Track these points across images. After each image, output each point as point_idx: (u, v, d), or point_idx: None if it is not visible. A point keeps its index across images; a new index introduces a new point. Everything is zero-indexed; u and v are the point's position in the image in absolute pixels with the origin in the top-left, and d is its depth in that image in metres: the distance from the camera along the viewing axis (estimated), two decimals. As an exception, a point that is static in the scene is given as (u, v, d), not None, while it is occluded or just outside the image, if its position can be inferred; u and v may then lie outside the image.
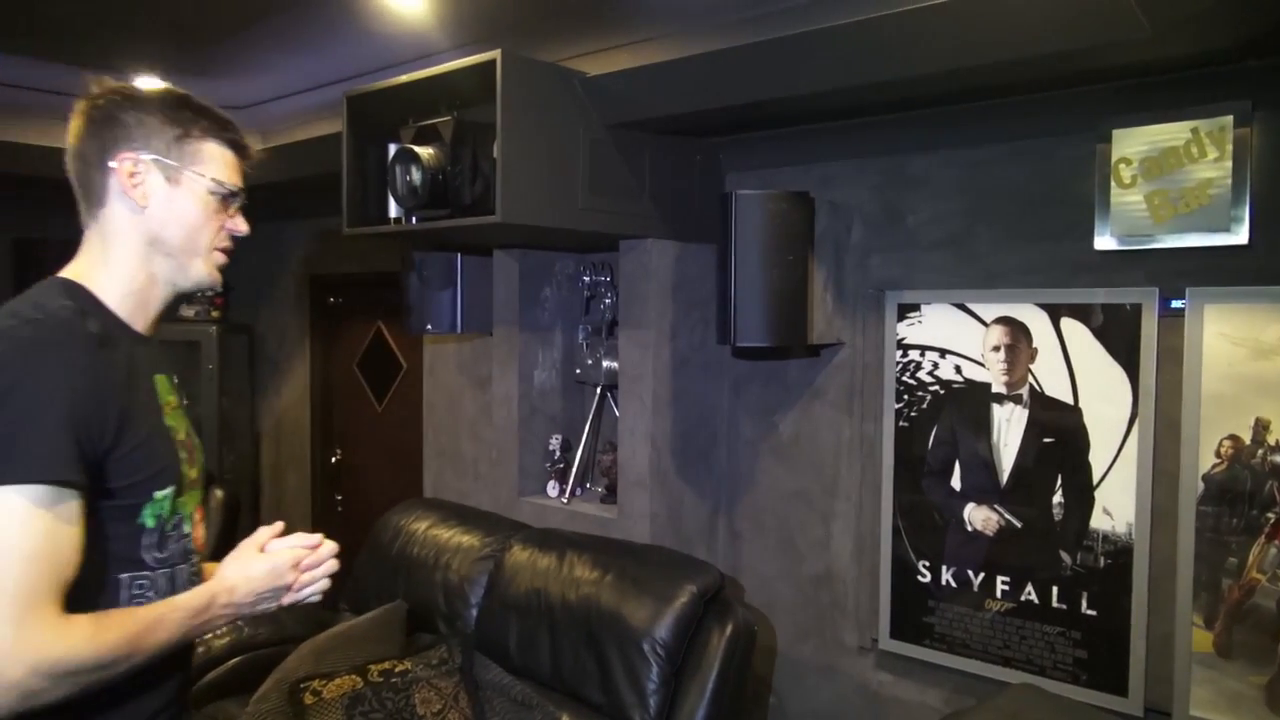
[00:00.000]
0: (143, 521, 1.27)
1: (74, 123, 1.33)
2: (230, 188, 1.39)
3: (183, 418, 1.39)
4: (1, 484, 1.09)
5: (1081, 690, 2.34)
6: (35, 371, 1.14)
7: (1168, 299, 2.23)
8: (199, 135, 1.35)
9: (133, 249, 1.33)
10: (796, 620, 2.93)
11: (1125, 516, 2.29)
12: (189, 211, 1.35)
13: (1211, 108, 2.13)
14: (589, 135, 2.63)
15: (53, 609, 1.10)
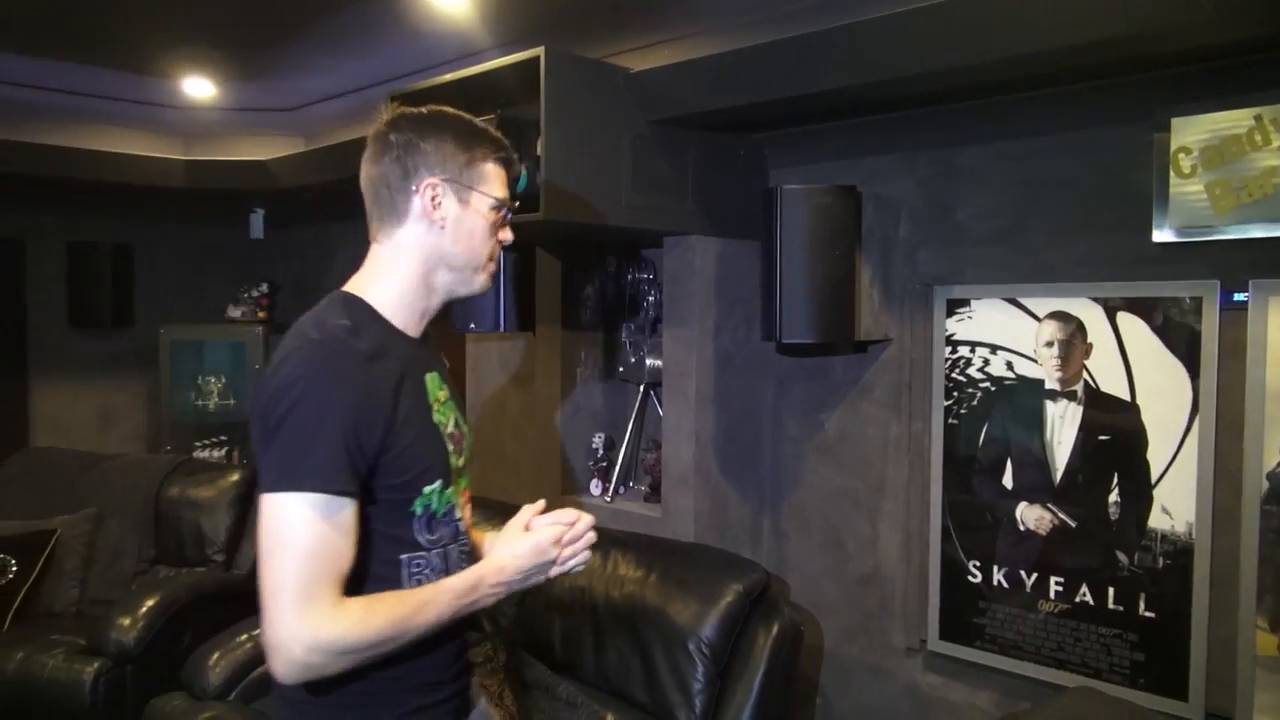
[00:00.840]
0: (413, 510, 1.40)
1: (372, 147, 1.45)
2: (508, 206, 1.49)
3: (452, 410, 1.50)
4: (286, 492, 1.26)
5: (1139, 694, 2.28)
6: (314, 392, 1.28)
7: (1230, 292, 2.16)
8: (482, 157, 1.45)
9: (420, 263, 1.45)
10: (843, 620, 2.89)
11: (1185, 516, 2.23)
12: (476, 230, 1.46)
13: (1276, 93, 2.06)
14: (632, 132, 2.62)
15: (329, 597, 1.25)
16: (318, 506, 1.26)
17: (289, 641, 1.24)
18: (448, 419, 1.47)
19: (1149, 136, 2.24)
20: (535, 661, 2.66)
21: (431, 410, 1.44)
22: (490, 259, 1.49)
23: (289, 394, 1.28)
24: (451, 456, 1.45)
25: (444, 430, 1.45)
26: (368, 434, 1.31)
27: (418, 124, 1.44)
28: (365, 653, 1.29)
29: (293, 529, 1.25)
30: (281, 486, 1.26)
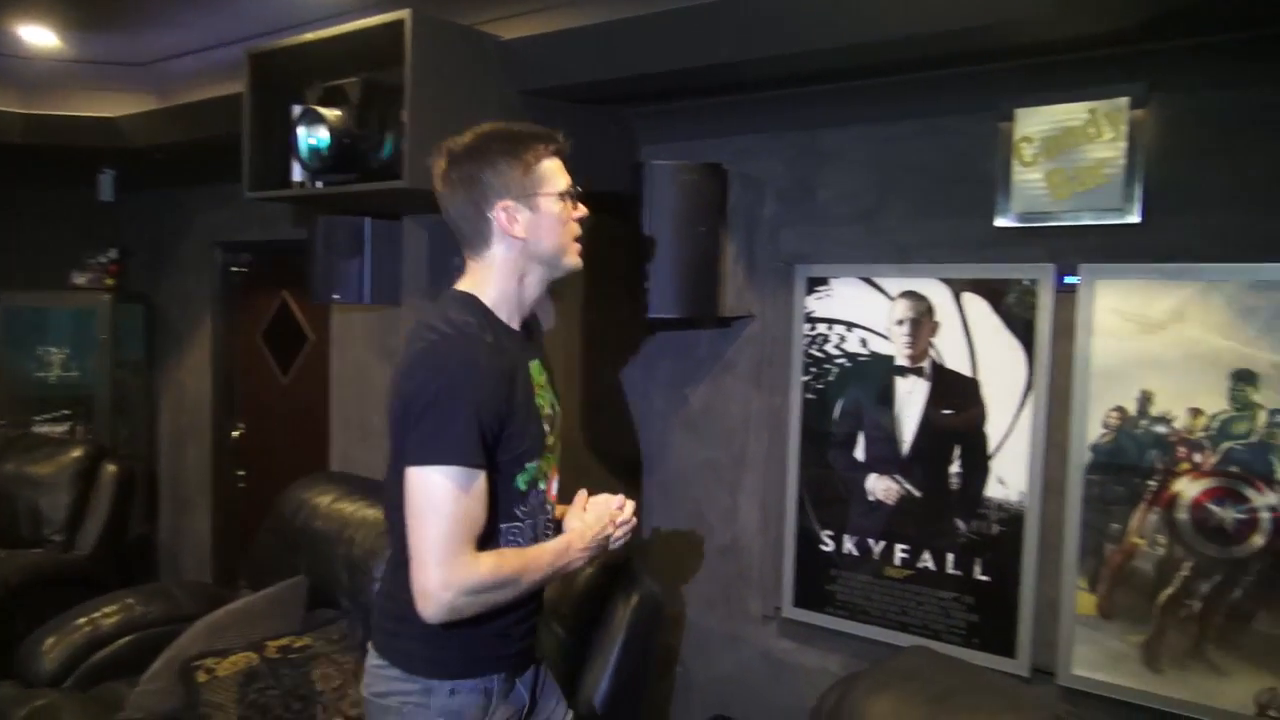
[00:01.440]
0: (516, 485, 1.62)
1: (440, 189, 1.66)
2: (570, 190, 1.66)
3: (549, 393, 1.72)
4: (434, 465, 1.48)
5: (973, 653, 2.42)
6: (455, 380, 1.50)
7: (1063, 275, 2.30)
8: (535, 160, 1.62)
9: (514, 270, 1.64)
10: (703, 590, 2.95)
11: (1018, 485, 2.37)
12: (551, 225, 1.63)
13: (1109, 89, 2.20)
14: (502, 101, 2.58)
15: (469, 552, 1.50)
16: (458, 477, 1.48)
17: (439, 589, 1.48)
18: (545, 401, 1.69)
19: (995, 125, 2.36)
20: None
21: (534, 394, 1.65)
22: (574, 240, 1.68)
23: (434, 382, 1.50)
24: (548, 436, 1.67)
25: (542, 412, 1.66)
26: (492, 416, 1.52)
27: (472, 157, 1.62)
28: (494, 596, 1.54)
29: (440, 496, 1.47)
30: (429, 460, 1.48)
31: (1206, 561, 2.13)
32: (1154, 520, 2.19)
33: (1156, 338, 2.17)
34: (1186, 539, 2.16)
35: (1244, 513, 2.09)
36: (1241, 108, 2.08)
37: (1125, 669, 2.23)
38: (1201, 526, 2.14)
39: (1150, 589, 2.19)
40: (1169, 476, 2.17)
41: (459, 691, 1.62)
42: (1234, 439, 2.09)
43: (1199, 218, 2.12)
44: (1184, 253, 2.13)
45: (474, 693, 1.63)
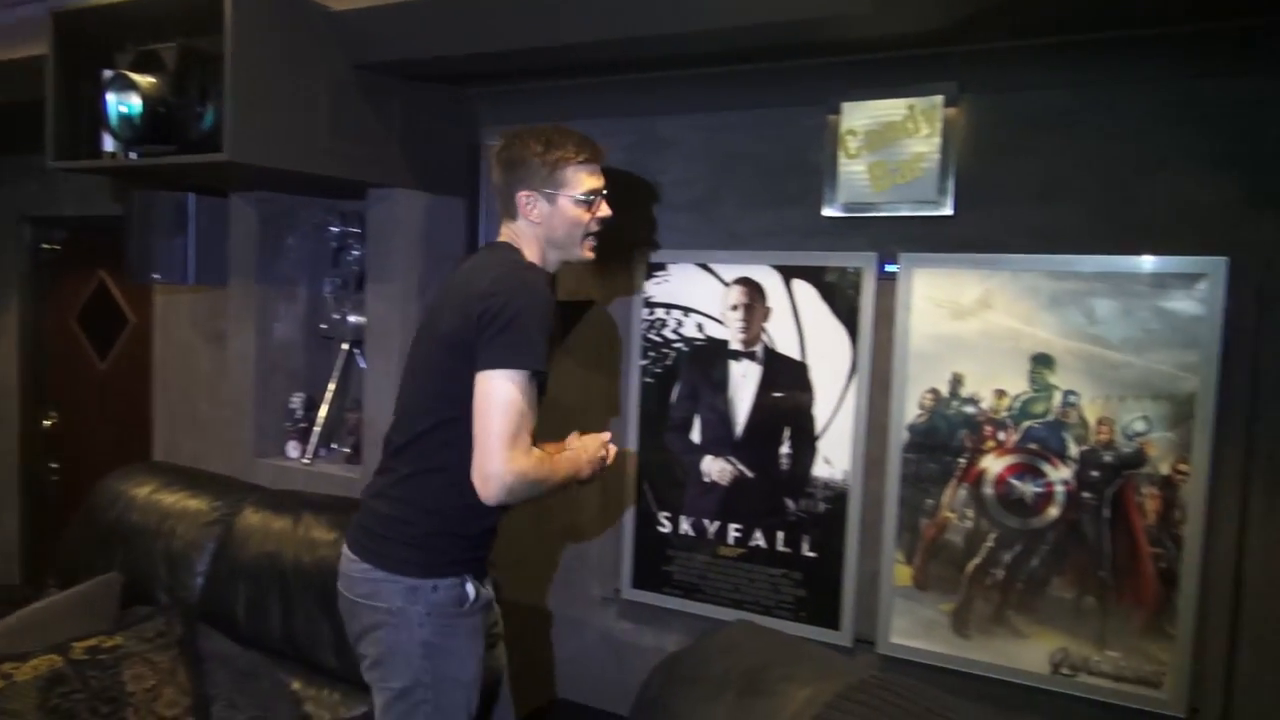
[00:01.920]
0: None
1: (492, 164, 1.96)
2: (589, 197, 1.92)
3: None
4: (511, 368, 1.74)
5: (801, 626, 2.52)
6: (533, 299, 1.77)
7: (884, 263, 2.41)
8: (563, 165, 1.89)
9: (533, 243, 1.93)
10: (543, 574, 2.95)
11: (842, 465, 2.47)
12: (565, 220, 1.92)
13: (925, 87, 2.31)
14: (333, 74, 2.49)
15: (526, 443, 1.77)
16: (525, 380, 1.75)
17: (501, 471, 1.73)
18: None
19: (823, 119, 2.44)
20: (215, 633, 2.50)
21: None
22: (586, 235, 1.95)
23: (517, 300, 1.76)
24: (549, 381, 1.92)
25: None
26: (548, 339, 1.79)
27: (515, 145, 1.91)
28: (536, 487, 1.80)
29: (511, 393, 1.73)
30: (507, 365, 1.74)
31: (1009, 533, 2.28)
32: (963, 495, 2.33)
33: (966, 323, 2.30)
34: (991, 512, 2.30)
35: (1041, 486, 2.25)
36: (1041, 109, 2.22)
37: (937, 636, 2.37)
38: (1005, 500, 2.29)
39: (960, 560, 2.33)
40: (977, 454, 2.31)
41: (440, 588, 1.87)
42: (1033, 418, 2.25)
43: (1004, 211, 2.27)
44: (991, 244, 2.27)
45: (452, 588, 1.88)
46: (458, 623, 1.90)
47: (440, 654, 1.88)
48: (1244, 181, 2.04)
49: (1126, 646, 2.17)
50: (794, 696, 1.73)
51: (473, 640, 1.93)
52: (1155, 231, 2.12)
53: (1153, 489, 2.13)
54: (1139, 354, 2.13)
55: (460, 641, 1.90)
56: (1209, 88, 2.06)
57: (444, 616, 1.88)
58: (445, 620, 1.88)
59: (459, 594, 1.89)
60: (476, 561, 1.96)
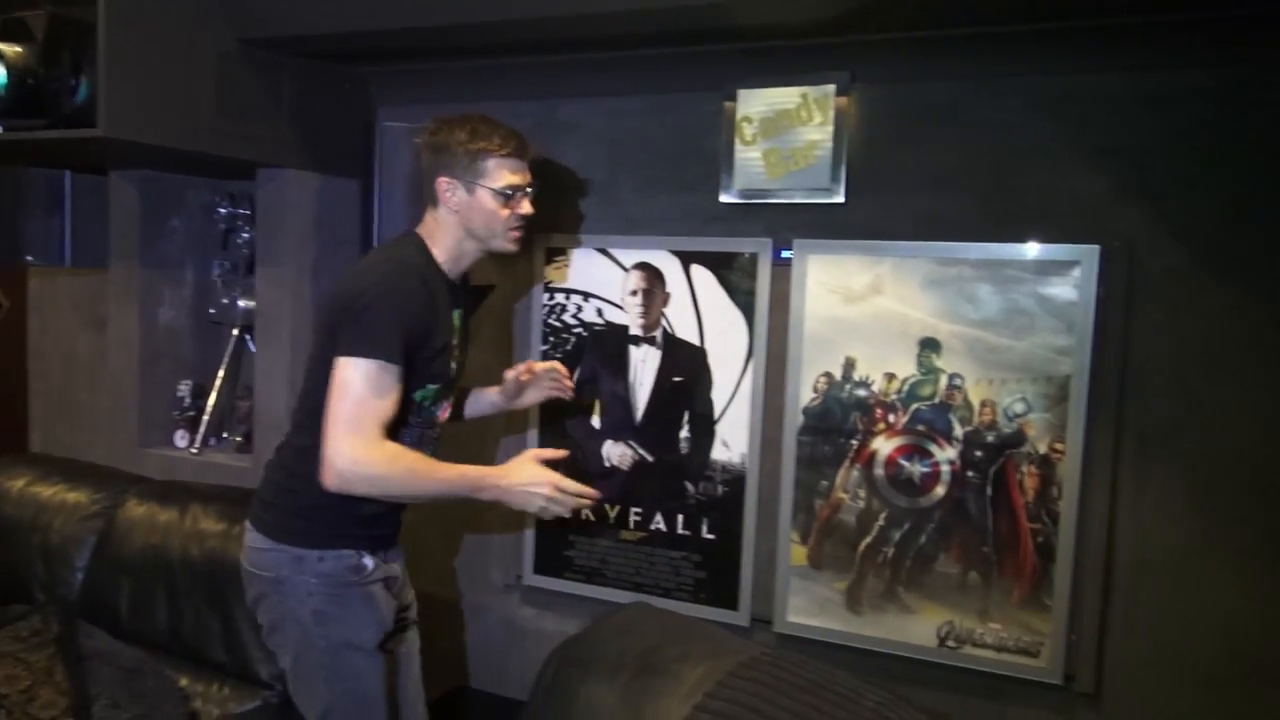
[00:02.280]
0: (414, 397, 1.89)
1: (421, 150, 1.96)
2: (509, 190, 1.93)
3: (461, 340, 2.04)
4: (358, 356, 1.76)
5: (701, 608, 2.55)
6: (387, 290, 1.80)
7: (779, 249, 2.45)
8: (483, 157, 1.90)
9: (452, 232, 1.95)
10: (445, 562, 2.92)
11: (740, 447, 2.51)
12: (482, 212, 1.92)
13: (818, 76, 2.35)
14: (217, 48, 2.40)
15: (371, 433, 1.75)
16: (374, 369, 1.75)
17: (335, 456, 1.72)
18: (455, 341, 2.00)
19: (720, 105, 2.46)
20: (97, 630, 2.40)
21: (451, 335, 1.96)
22: (508, 229, 1.95)
23: (371, 290, 1.79)
24: (453, 373, 2.01)
25: (452, 352, 1.98)
26: (411, 331, 1.81)
27: (441, 131, 1.92)
28: (385, 484, 1.78)
29: (356, 381, 1.75)
30: (355, 353, 1.76)
31: (898, 512, 2.36)
32: (856, 476, 2.39)
33: (858, 308, 2.36)
34: (882, 492, 2.37)
35: (928, 467, 2.32)
36: (928, 101, 2.29)
37: (832, 613, 2.43)
38: (894, 480, 2.36)
39: (852, 539, 2.40)
40: (868, 435, 2.37)
41: (328, 559, 1.89)
42: (921, 400, 2.32)
43: (893, 199, 2.33)
44: (881, 231, 2.33)
45: (342, 559, 1.89)
46: (350, 591, 1.91)
47: (332, 621, 1.90)
48: (1116, 174, 2.13)
49: (1008, 618, 2.26)
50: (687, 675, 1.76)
51: (369, 607, 1.94)
52: (1035, 220, 2.20)
53: (1031, 468, 2.23)
54: (1019, 338, 2.22)
55: (355, 608, 1.92)
56: (1085, 84, 2.15)
57: (335, 585, 1.90)
58: (336, 589, 1.90)
59: (353, 564, 1.91)
60: (375, 539, 1.97)
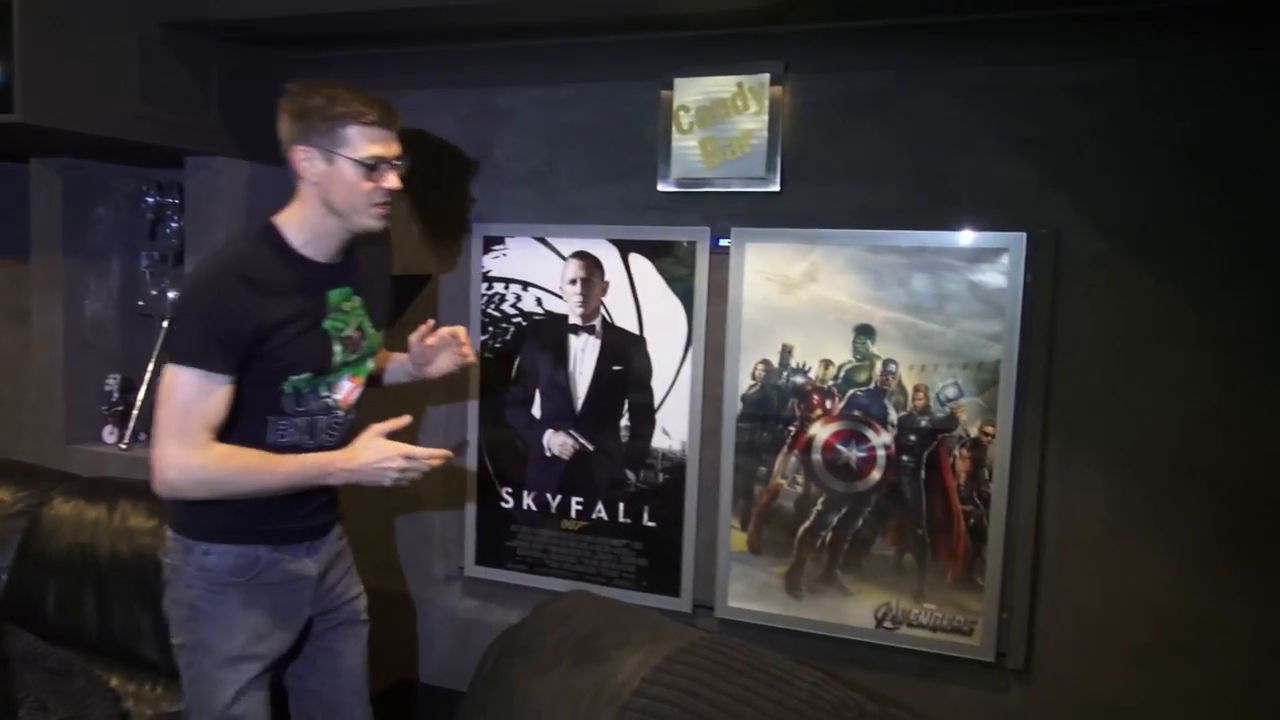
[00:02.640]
0: (282, 389, 1.83)
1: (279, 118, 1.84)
2: (371, 161, 1.79)
3: (358, 316, 1.94)
4: (176, 363, 1.73)
5: (644, 595, 2.57)
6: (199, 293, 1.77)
7: (717, 238, 2.46)
8: (343, 125, 1.77)
9: (314, 207, 1.84)
10: (386, 555, 2.90)
11: (680, 435, 2.53)
12: (343, 184, 1.80)
13: (753, 65, 2.37)
14: (140, 32, 2.34)
15: (198, 439, 1.72)
16: (191, 376, 1.72)
17: (163, 465, 1.72)
18: (346, 324, 1.90)
19: (656, 94, 2.46)
20: (22, 632, 2.34)
21: (324, 318, 1.86)
22: (371, 203, 1.82)
23: (188, 293, 1.82)
24: (338, 355, 1.89)
25: (338, 334, 1.88)
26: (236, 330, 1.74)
27: (295, 99, 1.80)
28: (220, 486, 1.76)
29: (174, 389, 1.72)
30: (174, 359, 1.74)
31: (835, 496, 2.39)
32: (794, 462, 2.42)
33: (795, 296, 2.38)
34: (820, 477, 2.40)
35: (865, 451, 2.36)
36: (860, 90, 2.31)
37: (772, 597, 2.46)
38: (831, 465, 2.39)
39: (791, 524, 2.43)
40: (806, 422, 2.40)
41: (212, 553, 1.85)
42: (856, 386, 2.35)
43: (827, 188, 2.35)
44: (815, 219, 2.35)
45: (227, 555, 1.85)
46: (230, 591, 1.86)
47: (203, 619, 1.86)
48: (1040, 163, 2.18)
49: (942, 599, 2.31)
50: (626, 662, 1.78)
51: (245, 612, 1.87)
52: (964, 208, 2.24)
53: (963, 451, 2.27)
54: (951, 324, 2.26)
55: (229, 611, 1.86)
56: (1010, 74, 2.19)
57: (213, 582, 1.85)
58: (215, 586, 1.85)
59: (240, 562, 1.85)
60: (277, 533, 1.90)
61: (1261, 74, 2.02)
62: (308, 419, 1.91)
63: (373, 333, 2.00)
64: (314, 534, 1.98)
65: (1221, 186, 2.06)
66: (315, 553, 1.98)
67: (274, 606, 1.91)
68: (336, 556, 2.07)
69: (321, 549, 2.00)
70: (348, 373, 1.96)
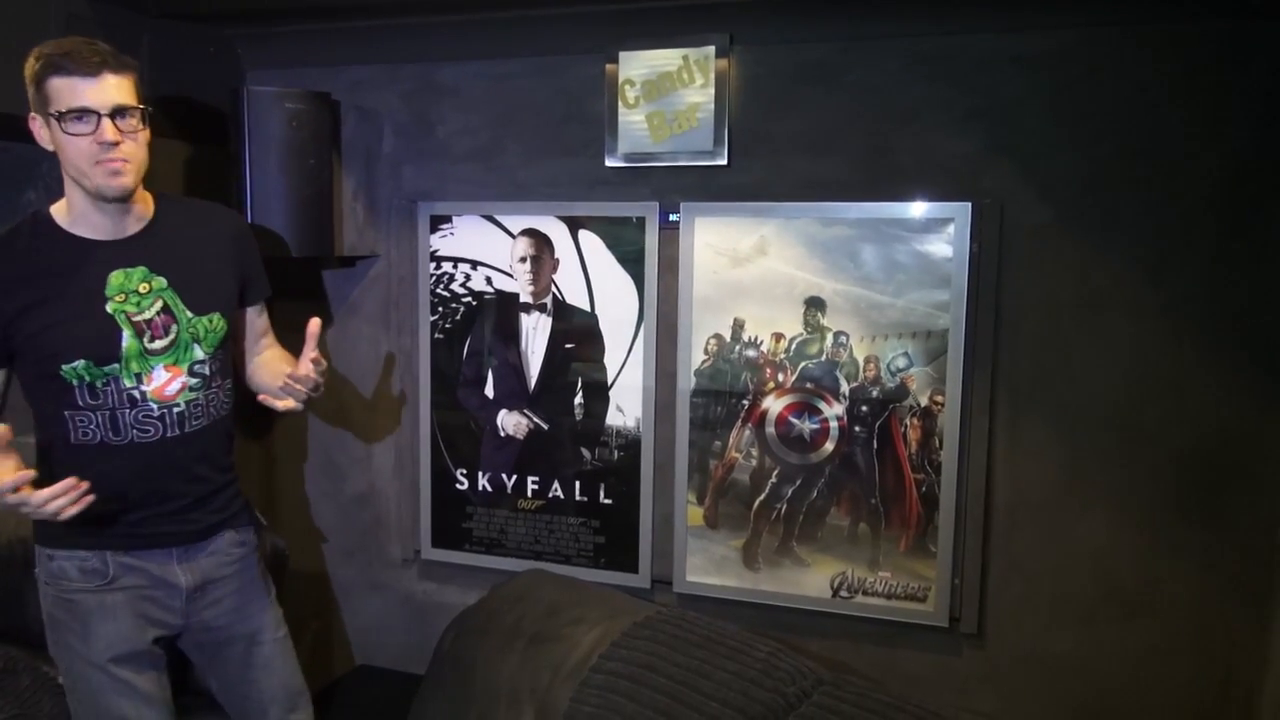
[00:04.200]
0: (67, 380, 1.72)
1: None
2: (72, 109, 1.62)
3: (162, 300, 1.79)
4: None
5: (602, 573, 2.57)
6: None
7: (667, 213, 2.44)
8: (44, 80, 1.63)
9: (66, 180, 1.72)
10: (341, 540, 2.87)
11: (635, 412, 2.52)
12: (63, 143, 1.65)
13: (698, 38, 2.34)
14: (65, 8, 2.25)
15: None
16: None
17: None
18: (141, 308, 1.76)
19: (601, 67, 2.43)
20: (-38, 631, 2.27)
21: (105, 301, 1.73)
22: (95, 162, 1.65)
23: None
24: (130, 341, 1.74)
25: (128, 317, 1.74)
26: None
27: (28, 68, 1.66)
28: None
29: None
30: None
31: (790, 468, 2.40)
32: (748, 435, 2.43)
33: (745, 270, 2.38)
34: (774, 450, 2.41)
35: (817, 423, 2.37)
36: (806, 62, 2.30)
37: (729, 571, 2.47)
38: (785, 438, 2.40)
39: (747, 497, 2.44)
40: (759, 395, 2.41)
41: (57, 558, 1.79)
42: (808, 359, 2.36)
43: (775, 161, 2.34)
44: (764, 193, 2.35)
45: (71, 560, 1.78)
46: (81, 598, 1.79)
47: (60, 627, 1.81)
48: (984, 133, 2.19)
49: (896, 566, 2.34)
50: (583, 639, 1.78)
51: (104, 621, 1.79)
52: (910, 179, 2.25)
53: (914, 420, 2.29)
54: (899, 295, 2.27)
55: (82, 618, 1.79)
56: (953, 45, 2.19)
57: (61, 589, 1.80)
58: (63, 593, 1.80)
59: (86, 567, 1.78)
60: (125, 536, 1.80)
61: (1203, 42, 2.04)
62: (107, 412, 1.77)
63: (189, 317, 1.83)
64: (181, 539, 1.86)
65: (1162, 153, 2.09)
66: (188, 560, 1.87)
67: (134, 613, 1.81)
68: (230, 573, 1.93)
69: (197, 558, 1.88)
70: (160, 361, 1.80)
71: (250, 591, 1.97)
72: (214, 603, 1.90)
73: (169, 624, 1.88)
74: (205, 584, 1.89)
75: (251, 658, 1.95)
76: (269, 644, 1.97)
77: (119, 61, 1.68)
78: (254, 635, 1.95)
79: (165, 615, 1.86)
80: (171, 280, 1.81)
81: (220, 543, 1.91)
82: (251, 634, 1.95)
